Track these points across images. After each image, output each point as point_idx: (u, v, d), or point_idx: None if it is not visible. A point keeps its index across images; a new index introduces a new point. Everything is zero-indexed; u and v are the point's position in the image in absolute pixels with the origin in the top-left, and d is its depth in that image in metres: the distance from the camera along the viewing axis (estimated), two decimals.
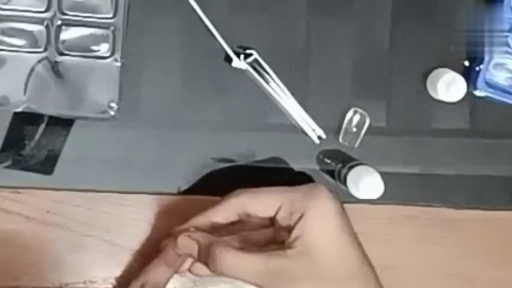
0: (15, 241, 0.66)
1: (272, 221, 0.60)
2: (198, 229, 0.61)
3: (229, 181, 0.64)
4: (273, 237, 0.60)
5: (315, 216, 0.57)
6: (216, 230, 0.61)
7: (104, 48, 0.64)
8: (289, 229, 0.58)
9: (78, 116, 0.64)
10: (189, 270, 0.62)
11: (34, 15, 0.63)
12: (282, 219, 0.59)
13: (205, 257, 0.58)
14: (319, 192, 0.58)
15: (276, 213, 0.59)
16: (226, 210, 0.60)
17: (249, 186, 0.61)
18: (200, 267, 0.60)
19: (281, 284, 0.56)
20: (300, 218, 0.57)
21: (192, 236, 0.59)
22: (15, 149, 0.64)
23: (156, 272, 0.62)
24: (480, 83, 0.66)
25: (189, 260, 0.61)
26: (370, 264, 0.58)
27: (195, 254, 0.59)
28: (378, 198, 0.62)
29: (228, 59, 0.66)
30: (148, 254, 0.64)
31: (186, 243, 0.59)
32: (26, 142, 0.65)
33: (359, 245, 0.58)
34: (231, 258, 0.57)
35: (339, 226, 0.57)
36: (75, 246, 0.67)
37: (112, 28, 0.64)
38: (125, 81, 0.64)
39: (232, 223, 0.61)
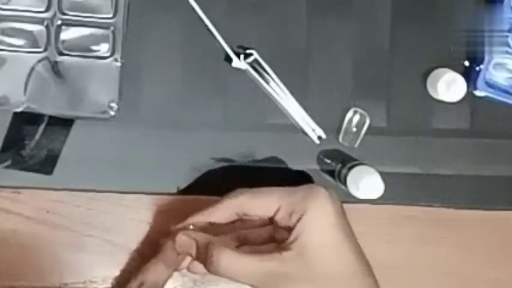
0: (15, 241, 0.66)
1: (271, 220, 0.60)
2: (196, 227, 0.61)
3: (229, 181, 0.64)
4: (271, 236, 0.60)
5: (314, 218, 0.57)
6: (214, 228, 0.61)
7: (104, 48, 0.64)
8: (288, 229, 0.58)
9: (78, 116, 0.64)
10: (188, 268, 0.62)
11: (34, 15, 0.63)
12: (281, 219, 0.59)
13: (202, 256, 0.58)
14: (318, 194, 0.58)
15: (275, 213, 0.59)
16: (225, 210, 0.60)
17: (248, 186, 0.61)
18: (199, 266, 0.60)
19: (277, 285, 0.56)
20: (299, 219, 0.57)
21: (191, 235, 0.59)
22: (15, 149, 0.64)
23: (154, 270, 0.62)
24: (480, 83, 0.66)
25: (188, 259, 0.61)
26: (368, 265, 0.58)
27: (193, 253, 0.59)
28: (378, 198, 0.62)
29: (228, 59, 0.66)
30: (148, 253, 0.64)
31: (185, 241, 0.59)
32: (26, 142, 0.65)
33: (357, 246, 0.58)
34: (227, 259, 0.57)
35: (337, 227, 0.57)
36: (75, 246, 0.67)
37: (112, 28, 0.64)
38: (125, 81, 0.64)
39: (231, 221, 0.61)
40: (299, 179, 0.67)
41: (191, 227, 0.61)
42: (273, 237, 0.60)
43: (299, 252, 0.56)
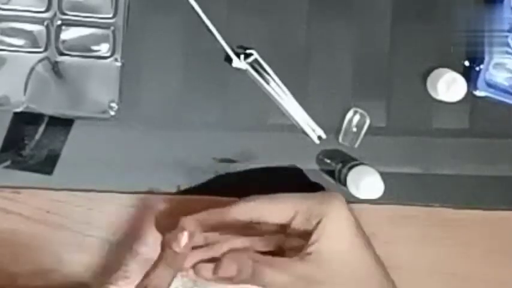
0: (15, 241, 0.66)
1: (283, 229, 0.60)
2: (205, 225, 0.60)
3: (229, 181, 0.64)
4: (278, 245, 0.61)
5: (332, 223, 0.58)
6: (222, 228, 0.61)
7: (104, 48, 0.64)
8: (305, 235, 0.58)
9: (78, 116, 0.64)
10: (194, 271, 0.61)
11: (34, 15, 0.63)
12: (299, 225, 0.59)
13: (247, 275, 0.58)
14: (335, 199, 0.59)
15: (291, 219, 0.59)
16: (241, 212, 0.60)
17: (248, 186, 0.61)
18: (205, 268, 0.60)
19: None
20: (318, 223, 0.58)
21: (242, 257, 0.59)
22: (15, 149, 0.64)
23: (157, 273, 0.61)
24: (480, 83, 0.66)
25: (190, 259, 0.61)
26: (385, 269, 0.59)
27: (234, 273, 0.58)
28: (378, 198, 0.62)
29: (228, 59, 0.66)
30: (148, 253, 0.64)
31: (237, 264, 0.58)
32: (26, 142, 0.65)
33: (373, 250, 0.59)
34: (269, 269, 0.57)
35: (355, 232, 0.59)
36: (75, 246, 0.67)
37: (112, 28, 0.64)
38: (125, 81, 0.64)
39: (242, 227, 0.61)
40: (299, 179, 0.67)
41: (203, 218, 0.60)
42: (280, 247, 0.61)
43: (319, 257, 0.57)
